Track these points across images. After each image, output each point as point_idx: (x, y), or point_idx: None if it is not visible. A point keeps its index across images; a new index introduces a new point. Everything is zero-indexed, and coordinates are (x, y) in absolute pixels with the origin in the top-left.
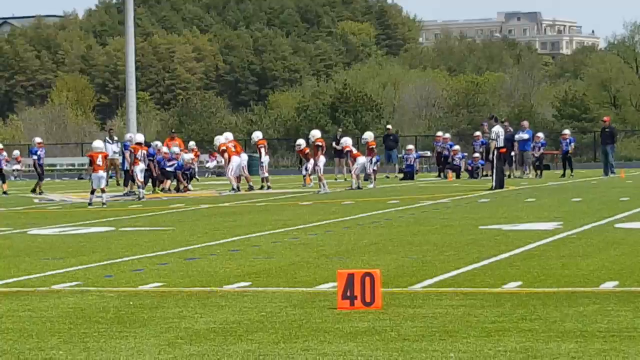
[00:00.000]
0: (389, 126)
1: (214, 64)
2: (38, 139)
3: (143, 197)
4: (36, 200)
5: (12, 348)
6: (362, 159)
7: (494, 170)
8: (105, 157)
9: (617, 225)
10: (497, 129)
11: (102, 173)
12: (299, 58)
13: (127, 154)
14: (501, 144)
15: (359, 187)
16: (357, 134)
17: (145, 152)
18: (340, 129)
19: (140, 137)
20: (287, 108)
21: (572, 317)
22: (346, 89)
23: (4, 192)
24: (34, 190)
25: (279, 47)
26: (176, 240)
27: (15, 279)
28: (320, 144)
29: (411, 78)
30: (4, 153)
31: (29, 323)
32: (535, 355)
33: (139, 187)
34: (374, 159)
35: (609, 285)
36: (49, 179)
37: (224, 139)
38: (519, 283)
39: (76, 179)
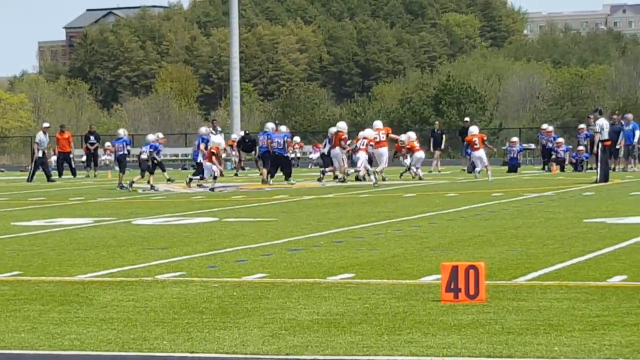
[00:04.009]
0: (466, 119)
1: (317, 55)
2: (161, 135)
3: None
4: (140, 191)
5: (117, 338)
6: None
7: (599, 164)
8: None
9: None
10: (602, 122)
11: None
12: (402, 50)
13: (202, 147)
14: (606, 136)
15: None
16: (460, 126)
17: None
18: (437, 122)
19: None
20: (390, 100)
21: None
22: (450, 80)
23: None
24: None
25: (383, 39)
26: (280, 231)
27: (119, 269)
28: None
29: (515, 70)
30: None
31: (133, 313)
32: None
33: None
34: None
35: None
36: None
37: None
38: (624, 277)
39: (180, 169)
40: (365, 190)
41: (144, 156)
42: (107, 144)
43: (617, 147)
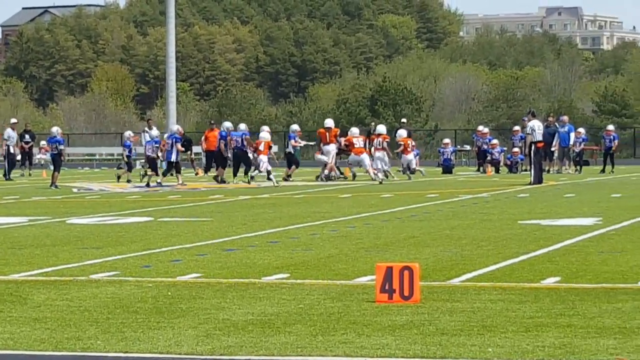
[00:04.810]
0: (403, 120)
1: (254, 56)
2: (131, 133)
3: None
4: (75, 190)
5: (50, 337)
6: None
7: (532, 165)
8: (267, 145)
9: None
10: (533, 124)
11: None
12: (339, 50)
13: (179, 145)
14: (538, 138)
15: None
16: (397, 127)
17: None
18: (372, 123)
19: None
20: (326, 100)
21: (611, 313)
22: (386, 82)
23: (128, 181)
24: (119, 178)
25: (320, 39)
26: (215, 231)
27: (53, 268)
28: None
29: (451, 72)
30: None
31: (67, 312)
32: (573, 351)
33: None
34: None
35: None
36: (87, 168)
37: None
38: (558, 278)
39: (115, 168)
40: (301, 190)
41: (150, 152)
42: (42, 142)
43: (552, 149)
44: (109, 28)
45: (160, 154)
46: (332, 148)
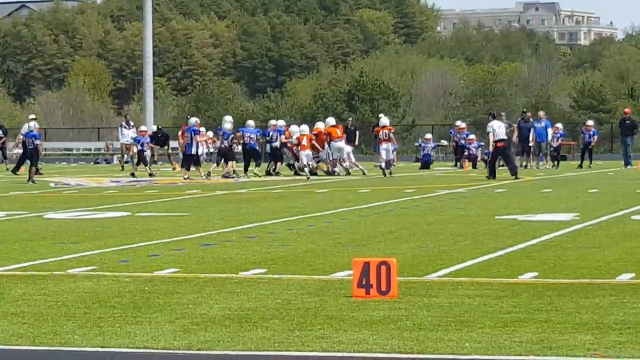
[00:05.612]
0: (381, 115)
1: (231, 50)
2: (143, 128)
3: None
4: (52, 185)
5: (27, 332)
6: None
7: (487, 162)
8: (309, 139)
9: (633, 217)
10: (492, 124)
11: (307, 152)
12: (316, 45)
13: (198, 138)
14: (500, 137)
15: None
16: (373, 122)
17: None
18: (350, 118)
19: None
20: (303, 95)
21: (588, 308)
22: (363, 77)
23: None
24: (133, 174)
25: (297, 34)
26: (192, 226)
27: (30, 263)
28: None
29: (428, 67)
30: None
31: (44, 307)
32: (550, 347)
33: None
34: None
35: (625, 277)
36: (64, 163)
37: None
38: (535, 274)
39: (92, 163)
40: (278, 185)
41: (225, 144)
42: (20, 137)
43: (529, 144)
44: (86, 23)
45: (136, 148)
46: (342, 144)
